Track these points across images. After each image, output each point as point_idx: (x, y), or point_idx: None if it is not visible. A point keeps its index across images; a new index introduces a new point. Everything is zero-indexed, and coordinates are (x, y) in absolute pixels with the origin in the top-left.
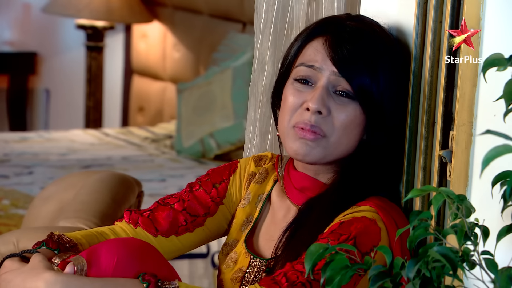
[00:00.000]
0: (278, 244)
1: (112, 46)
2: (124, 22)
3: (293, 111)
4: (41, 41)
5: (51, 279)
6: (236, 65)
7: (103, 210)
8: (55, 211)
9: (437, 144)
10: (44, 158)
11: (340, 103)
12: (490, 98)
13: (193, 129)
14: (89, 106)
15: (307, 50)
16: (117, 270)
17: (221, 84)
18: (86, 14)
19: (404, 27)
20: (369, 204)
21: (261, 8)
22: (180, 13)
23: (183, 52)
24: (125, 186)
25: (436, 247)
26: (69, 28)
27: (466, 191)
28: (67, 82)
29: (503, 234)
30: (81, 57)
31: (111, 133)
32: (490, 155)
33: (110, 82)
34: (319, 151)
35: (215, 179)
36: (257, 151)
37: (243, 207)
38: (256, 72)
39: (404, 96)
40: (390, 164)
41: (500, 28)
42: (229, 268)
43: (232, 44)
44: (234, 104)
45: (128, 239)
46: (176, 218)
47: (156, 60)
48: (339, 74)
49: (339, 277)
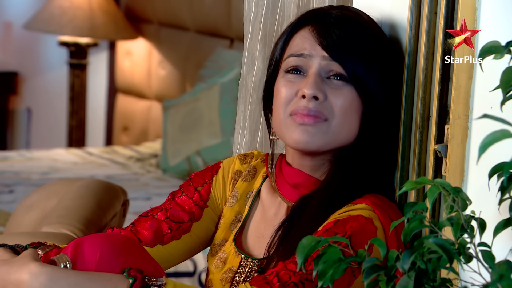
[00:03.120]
0: (271, 243)
1: (95, 63)
2: (108, 38)
3: (288, 102)
4: (23, 60)
5: (36, 271)
6: (223, 81)
7: (87, 215)
8: (38, 219)
9: (432, 138)
10: (26, 177)
11: (335, 87)
12: (486, 91)
13: (179, 147)
14: (72, 125)
15: (293, 41)
16: (101, 265)
17: (208, 100)
18: (69, 31)
19: (397, 19)
20: (365, 202)
21: (251, 2)
22: (166, 30)
23: (169, 69)
24: (110, 193)
25: (432, 238)
26: (52, 45)
27: (462, 186)
28: (49, 101)
29: (500, 228)
30: (63, 75)
31: (94, 152)
32: (487, 141)
33: (94, 101)
34: (321, 137)
35: (197, 182)
36: (247, 149)
37: (231, 205)
38: (246, 68)
39: (397, 87)
40: (385, 160)
41: (496, 17)
42: (218, 268)
43: (219, 60)
44: (221, 121)
45: (111, 234)
46: (160, 227)
47: (141, 78)
48: (330, 59)
49: (332, 271)
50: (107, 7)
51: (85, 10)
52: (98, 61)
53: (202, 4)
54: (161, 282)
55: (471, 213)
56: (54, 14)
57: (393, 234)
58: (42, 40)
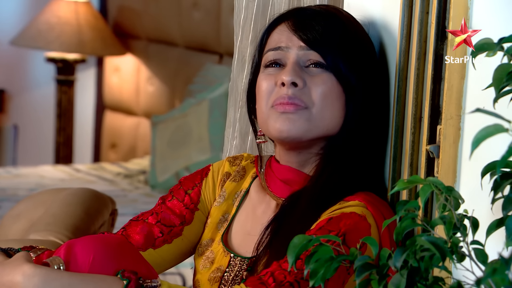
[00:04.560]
0: (260, 241)
1: (83, 80)
2: (96, 54)
3: (269, 94)
4: (9, 77)
5: (29, 272)
6: (213, 97)
7: (75, 223)
8: (25, 228)
9: (424, 139)
10: (12, 194)
11: (313, 75)
12: (478, 91)
13: (168, 163)
14: (59, 142)
15: (271, 37)
16: (94, 267)
17: (198, 116)
18: (57, 47)
19: (389, 18)
20: (358, 199)
21: (241, 5)
22: (155, 46)
23: (158, 85)
24: (99, 201)
25: (425, 236)
26: (39, 61)
27: (455, 186)
28: (36, 117)
29: (493, 228)
30: (51, 92)
31: (82, 169)
32: (480, 136)
33: (81, 118)
34: (303, 123)
35: (187, 185)
36: (237, 152)
37: (218, 205)
38: (236, 71)
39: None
40: (374, 157)
41: (488, 16)
42: (206, 268)
43: (208, 76)
44: (211, 136)
45: (104, 236)
46: (151, 231)
47: (129, 95)
48: (307, 48)
49: (323, 270)
50: (95, 23)
51: (72, 25)
52: (86, 78)
53: (191, 19)
54: (156, 283)
55: (464, 212)
56: (41, 30)
57: (386, 232)
58: (29, 56)
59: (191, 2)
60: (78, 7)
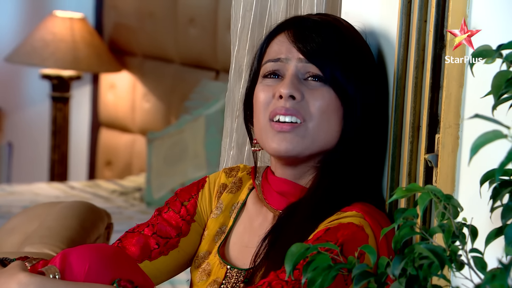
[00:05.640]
0: (257, 252)
1: (78, 97)
2: (92, 71)
3: (266, 105)
4: (4, 94)
5: (25, 281)
6: (209, 113)
7: (70, 236)
8: (20, 242)
9: (423, 148)
10: (6, 211)
11: (312, 88)
12: (477, 99)
13: (164, 180)
14: (54, 159)
15: (271, 48)
16: (89, 276)
17: (194, 132)
18: (52, 63)
19: (387, 27)
20: (355, 209)
21: (238, 14)
22: (150, 62)
23: (153, 102)
24: (94, 214)
25: (424, 244)
26: (33, 78)
27: (453, 196)
28: (31, 135)
29: (492, 237)
30: (45, 109)
31: (77, 186)
32: (479, 142)
33: (76, 135)
34: (299, 141)
35: (183, 197)
36: (234, 163)
37: (215, 217)
38: (233, 80)
39: (376, 93)
40: (372, 168)
41: (486, 24)
42: (202, 280)
43: (204, 92)
44: (207, 153)
45: (100, 245)
46: (147, 243)
47: (125, 112)
48: (306, 61)
49: (321, 278)
50: (91, 40)
51: (68, 42)
52: (81, 94)
53: (187, 36)
54: None
55: (462, 220)
56: (36, 46)
57: (384, 243)
58: (24, 73)
59: (187, 18)
60: (74, 23)
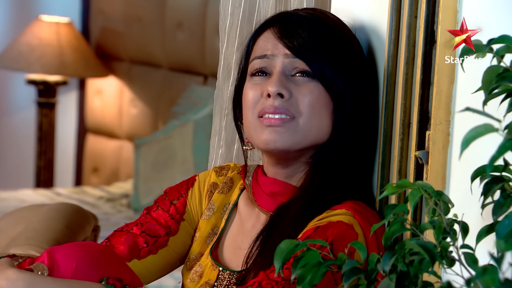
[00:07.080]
0: (249, 254)
1: (65, 102)
2: (78, 76)
3: (255, 104)
4: None
5: (13, 277)
6: (197, 118)
7: (56, 237)
8: (6, 244)
9: (413, 145)
10: None
11: (300, 84)
12: (468, 95)
13: (151, 185)
14: (40, 165)
15: (257, 45)
16: (77, 274)
17: (182, 137)
18: (38, 69)
19: (377, 23)
20: (345, 207)
21: (226, 11)
22: (138, 67)
23: (141, 108)
24: (81, 216)
25: (414, 240)
26: (19, 84)
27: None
28: (17, 140)
29: (484, 234)
30: (31, 114)
31: (63, 193)
32: (470, 136)
33: (63, 141)
34: (289, 135)
35: (173, 195)
36: (223, 162)
37: (207, 218)
38: (221, 78)
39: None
40: (362, 165)
41: (476, 20)
42: (194, 282)
43: (192, 97)
44: (195, 158)
45: (88, 243)
46: (136, 242)
47: (112, 117)
48: (292, 56)
49: (311, 275)
50: (77, 44)
51: (54, 47)
52: (68, 100)
53: (175, 40)
54: None
55: (453, 217)
56: (22, 51)
57: (374, 241)
58: (9, 79)
59: (175, 23)
60: (60, 28)
